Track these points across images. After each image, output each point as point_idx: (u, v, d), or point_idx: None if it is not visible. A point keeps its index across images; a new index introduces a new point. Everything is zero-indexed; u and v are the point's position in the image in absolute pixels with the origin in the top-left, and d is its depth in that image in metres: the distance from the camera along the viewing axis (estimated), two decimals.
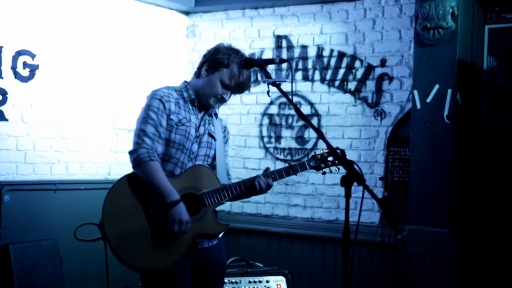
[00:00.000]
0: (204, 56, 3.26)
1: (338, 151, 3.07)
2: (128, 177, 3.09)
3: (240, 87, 3.23)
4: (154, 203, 3.02)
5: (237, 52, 3.22)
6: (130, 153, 3.09)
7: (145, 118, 3.10)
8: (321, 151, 3.32)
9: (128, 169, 5.68)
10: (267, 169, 3.24)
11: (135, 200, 3.03)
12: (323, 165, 3.29)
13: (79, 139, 5.30)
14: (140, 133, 3.08)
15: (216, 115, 3.35)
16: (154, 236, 3.01)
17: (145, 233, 3.01)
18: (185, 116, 3.16)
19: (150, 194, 3.03)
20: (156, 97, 3.12)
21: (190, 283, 3.17)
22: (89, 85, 5.36)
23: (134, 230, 3.00)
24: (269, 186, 3.21)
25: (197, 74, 3.26)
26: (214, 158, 3.27)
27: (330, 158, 3.28)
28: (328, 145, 2.80)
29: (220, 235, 3.22)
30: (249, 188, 3.18)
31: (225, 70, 3.17)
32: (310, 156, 3.31)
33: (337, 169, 3.29)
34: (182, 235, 3.02)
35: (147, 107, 3.11)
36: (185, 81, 3.29)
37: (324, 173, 3.33)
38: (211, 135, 3.26)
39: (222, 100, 3.22)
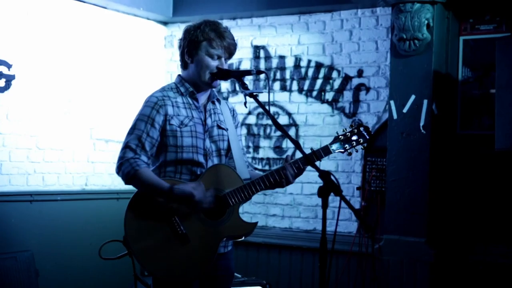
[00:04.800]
0: (180, 46, 3.16)
1: (362, 128, 3.11)
2: None
3: (229, 50, 3.11)
4: (180, 209, 2.95)
5: (205, 22, 3.11)
6: (117, 172, 2.99)
7: (131, 129, 3.02)
8: (343, 131, 3.17)
9: (105, 179, 5.68)
10: (287, 158, 3.10)
11: (157, 210, 2.95)
12: (347, 146, 3.14)
13: (56, 150, 5.26)
14: (124, 147, 2.99)
15: (219, 100, 3.24)
16: (182, 246, 2.94)
17: (172, 244, 2.94)
18: (186, 115, 3.06)
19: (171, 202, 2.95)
20: (148, 104, 3.03)
21: None
22: (66, 95, 5.33)
23: (160, 242, 2.93)
24: (298, 175, 3.07)
25: (184, 66, 3.15)
26: (229, 150, 3.17)
27: (354, 137, 3.14)
28: (305, 155, 2.81)
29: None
30: (273, 182, 3.06)
31: (205, 43, 3.06)
32: (333, 138, 3.14)
33: (362, 148, 3.16)
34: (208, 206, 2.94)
35: (137, 116, 3.03)
36: (179, 75, 3.17)
37: (350, 154, 3.16)
38: (220, 127, 3.15)
39: None
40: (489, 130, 4.56)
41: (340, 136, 3.15)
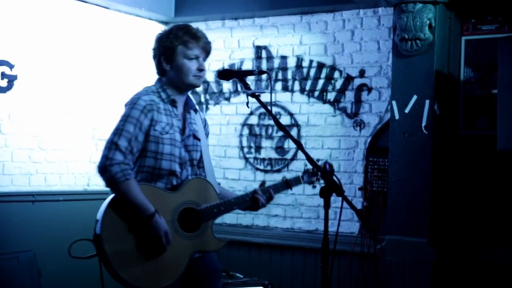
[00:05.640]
0: (154, 55, 3.14)
1: (327, 165, 3.16)
2: None
3: (205, 49, 3.12)
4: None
5: (176, 27, 3.12)
6: (101, 171, 2.90)
7: (119, 130, 2.95)
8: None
9: None
10: (263, 183, 3.26)
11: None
12: (315, 178, 3.40)
13: (58, 150, 5.26)
14: (112, 146, 2.91)
15: (196, 110, 3.24)
16: (155, 254, 2.92)
17: (145, 250, 2.91)
18: (167, 122, 3.03)
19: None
20: (137, 107, 2.98)
21: None
22: (68, 95, 5.33)
23: (134, 247, 2.89)
24: (270, 199, 3.27)
25: (161, 73, 3.12)
26: (200, 161, 3.18)
27: (319, 173, 3.34)
28: (308, 157, 2.82)
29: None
30: (249, 203, 3.21)
31: (180, 47, 3.05)
32: (303, 170, 3.43)
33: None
34: (169, 247, 2.94)
35: (125, 118, 2.97)
36: (159, 80, 3.14)
37: (314, 186, 3.41)
38: (196, 137, 3.16)
39: (201, 72, 3.10)
40: (491, 130, 4.55)
41: (310, 170, 3.41)
